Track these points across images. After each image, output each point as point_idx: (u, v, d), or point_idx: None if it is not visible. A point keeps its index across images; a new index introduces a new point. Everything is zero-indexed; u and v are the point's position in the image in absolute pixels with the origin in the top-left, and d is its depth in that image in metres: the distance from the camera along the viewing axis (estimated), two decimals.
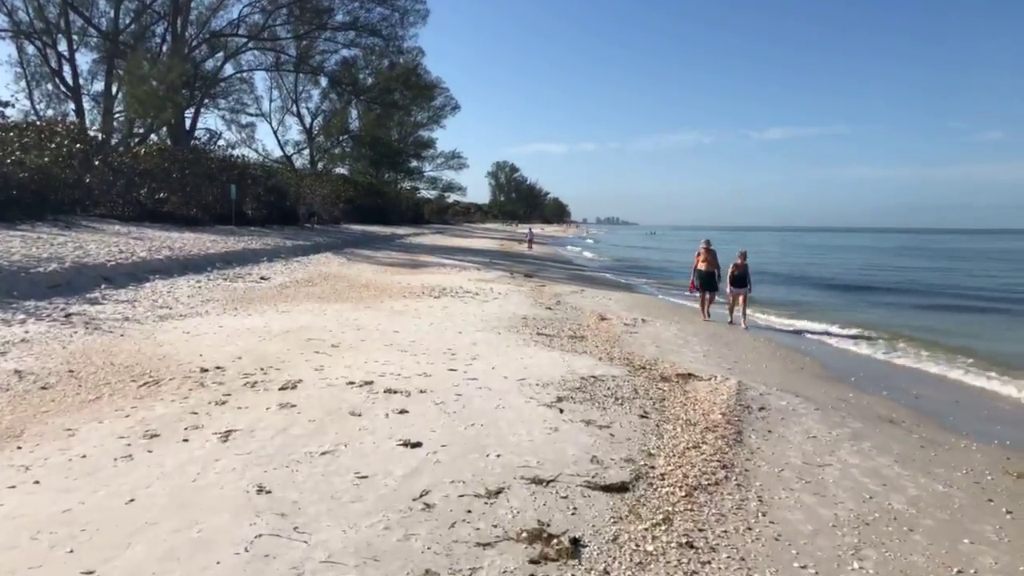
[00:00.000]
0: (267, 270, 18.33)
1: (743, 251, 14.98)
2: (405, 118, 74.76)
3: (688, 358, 9.61)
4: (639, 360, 8.92)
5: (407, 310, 12.43)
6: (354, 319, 10.99)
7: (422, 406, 6.05)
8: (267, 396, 6.16)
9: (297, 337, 9.13)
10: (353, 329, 10.02)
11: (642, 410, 6.40)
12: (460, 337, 9.84)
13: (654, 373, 8.13)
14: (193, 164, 30.38)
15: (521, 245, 46.49)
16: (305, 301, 13.00)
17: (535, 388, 6.94)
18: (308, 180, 48.24)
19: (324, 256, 24.43)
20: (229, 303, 12.06)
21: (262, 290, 14.26)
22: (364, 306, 12.70)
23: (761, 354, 10.73)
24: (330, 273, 18.75)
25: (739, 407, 6.77)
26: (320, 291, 14.67)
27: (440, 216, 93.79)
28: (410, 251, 32.45)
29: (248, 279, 16.04)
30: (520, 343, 9.62)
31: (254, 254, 21.03)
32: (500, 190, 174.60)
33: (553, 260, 35.60)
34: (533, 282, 19.99)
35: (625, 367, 8.39)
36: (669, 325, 12.84)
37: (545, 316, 12.67)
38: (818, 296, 22.36)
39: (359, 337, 9.39)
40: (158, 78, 27.17)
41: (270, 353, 8.00)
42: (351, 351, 8.37)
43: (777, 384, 8.31)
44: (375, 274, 19.45)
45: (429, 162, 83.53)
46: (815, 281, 27.85)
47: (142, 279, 13.78)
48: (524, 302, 14.68)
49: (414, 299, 14.06)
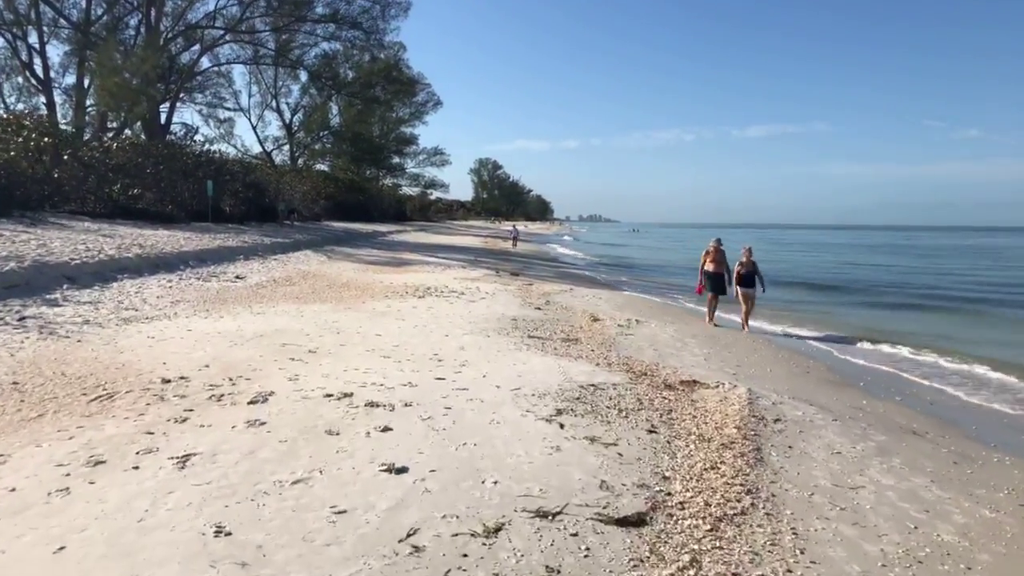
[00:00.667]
0: (243, 268, 17.61)
1: (748, 247, 13.87)
2: (387, 114, 73.88)
3: (689, 362, 9.07)
4: (639, 365, 8.36)
5: (390, 311, 11.80)
6: (333, 321, 10.35)
7: (408, 422, 5.44)
8: (234, 412, 5.52)
9: (271, 341, 8.48)
10: (332, 332, 9.38)
11: (649, 424, 5.83)
12: (447, 341, 9.23)
13: (657, 380, 7.57)
14: (168, 159, 29.47)
15: (505, 243, 45.87)
16: (282, 302, 12.33)
17: (531, 399, 6.36)
18: (288, 176, 47.35)
19: (303, 254, 23.71)
20: (200, 304, 11.36)
21: (237, 290, 13.56)
22: (344, 307, 12.05)
23: (763, 357, 10.22)
24: (309, 272, 18.06)
25: (753, 419, 6.23)
26: (298, 291, 13.99)
27: (423, 213, 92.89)
28: (392, 249, 31.75)
29: (223, 278, 15.32)
30: (511, 347, 9.03)
31: (230, 252, 20.26)
32: (483, 187, 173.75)
33: (539, 258, 35.03)
34: (520, 281, 19.41)
35: (625, 373, 7.83)
36: (664, 326, 12.31)
37: (535, 317, 12.09)
38: (811, 296, 21.96)
39: (339, 341, 8.75)
40: (131, 70, 26.20)
41: (241, 360, 7.35)
42: (330, 357, 7.74)
43: (787, 391, 7.79)
44: (356, 273, 18.78)
45: (411, 158, 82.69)
46: (806, 280, 27.52)
47: (109, 278, 13.04)
48: (512, 302, 14.09)
49: (397, 299, 13.43)
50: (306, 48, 43.92)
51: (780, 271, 30.25)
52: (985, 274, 32.39)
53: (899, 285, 25.96)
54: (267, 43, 41.33)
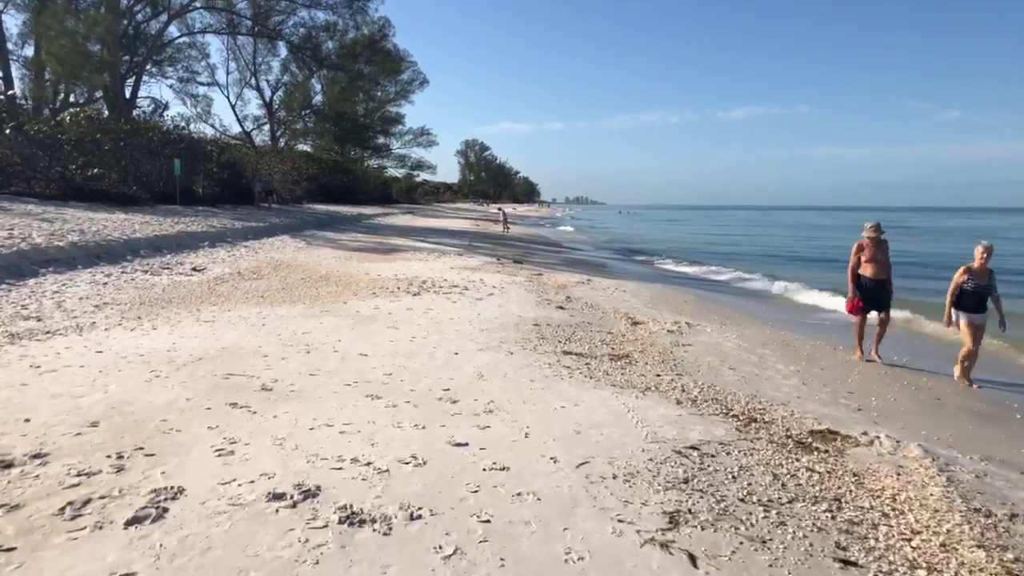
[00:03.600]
0: (205, 258, 15.00)
1: (987, 244, 7.83)
2: (372, 92, 70.92)
3: (787, 390, 6.64)
4: (732, 400, 5.92)
5: (379, 315, 9.28)
6: (304, 333, 7.82)
7: (417, 566, 2.95)
8: (92, 546, 3.01)
9: (211, 371, 5.95)
10: (301, 352, 6.86)
11: (829, 540, 3.39)
12: (458, 363, 6.74)
13: (775, 430, 5.14)
14: (130, 136, 26.61)
15: (496, 225, 43.23)
16: (242, 303, 9.77)
17: (614, 487, 3.88)
18: (269, 156, 44.44)
19: (279, 239, 21.06)
20: (133, 308, 8.80)
21: (189, 287, 10.98)
22: (321, 309, 9.52)
23: (867, 376, 7.80)
24: (283, 261, 15.46)
25: (972, 513, 3.82)
26: (266, 287, 11.43)
27: (409, 195, 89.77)
28: (379, 233, 29.10)
29: (176, 270, 12.74)
30: (547, 371, 6.56)
31: (192, 238, 17.61)
32: (470, 169, 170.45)
33: (538, 242, 32.45)
34: (527, 270, 16.90)
35: (723, 417, 5.39)
36: (721, 330, 9.89)
37: (560, 320, 9.63)
38: None
39: (308, 368, 6.23)
40: (83, 34, 23.28)
41: (154, 410, 4.83)
42: (289, 401, 5.22)
43: (951, 439, 5.40)
44: (338, 262, 16.20)
45: (397, 139, 79.61)
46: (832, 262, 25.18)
47: (27, 273, 10.45)
48: (527, 299, 11.60)
49: (387, 297, 10.90)
50: (285, 16, 40.89)
51: (812, 253, 27.99)
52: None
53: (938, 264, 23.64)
54: (242, 10, 38.28)
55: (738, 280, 19.94)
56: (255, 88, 59.03)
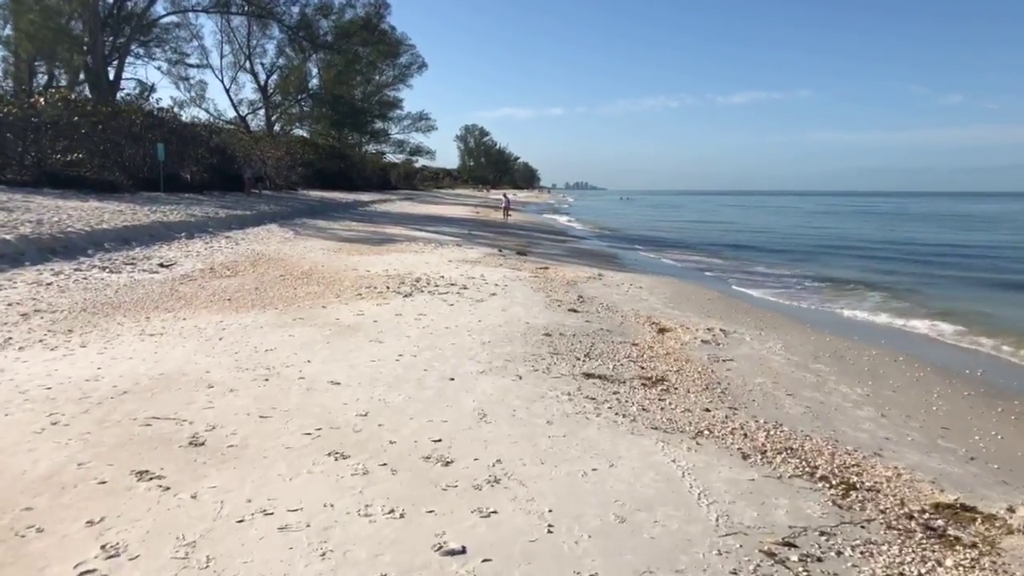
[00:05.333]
0: (178, 251, 13.60)
1: None
2: (370, 76, 69.22)
3: (876, 432, 5.25)
4: (817, 455, 4.52)
5: (362, 323, 7.88)
6: (268, 351, 6.42)
7: None
8: None
9: (132, 413, 4.56)
10: (258, 380, 5.46)
11: None
12: (452, 392, 5.34)
13: (888, 505, 3.75)
14: (110, 118, 25.11)
15: (497, 212, 41.66)
16: (204, 308, 8.38)
17: None
18: (263, 141, 42.88)
19: (266, 229, 19.62)
20: (69, 317, 7.40)
21: (148, 287, 9.59)
22: (294, 316, 8.12)
23: (952, 402, 6.40)
24: (264, 254, 14.05)
25: None
26: (238, 286, 10.03)
27: (408, 181, 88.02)
28: (374, 221, 27.64)
29: (141, 266, 11.34)
30: (566, 404, 5.16)
31: (169, 229, 16.18)
32: (469, 155, 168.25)
33: (540, 231, 30.96)
34: (531, 263, 15.48)
35: (808, 480, 4.01)
36: (761, 338, 8.50)
37: (575, 327, 8.24)
38: (890, 269, 18.10)
39: (260, 406, 4.83)
40: (55, 7, 21.74)
41: (23, 487, 3.42)
42: (223, 465, 3.82)
43: None
44: (325, 254, 14.78)
45: (395, 123, 77.74)
46: (878, 254, 23.77)
47: None
48: (533, 299, 10.20)
49: (374, 299, 9.49)
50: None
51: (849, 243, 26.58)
52: None
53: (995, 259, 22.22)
54: None
55: (752, 269, 18.52)
56: (250, 72, 57.41)
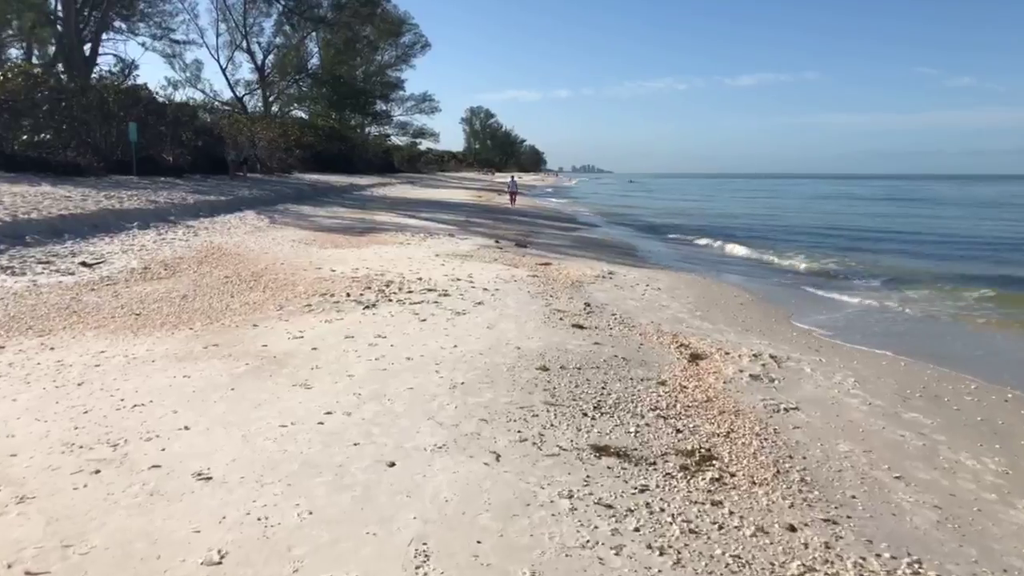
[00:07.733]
0: (119, 244, 11.66)
1: None
2: (371, 56, 67.01)
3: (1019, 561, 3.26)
4: None
5: (296, 352, 5.90)
6: (136, 406, 4.44)
7: None
8: None
9: None
10: (84, 471, 3.48)
11: None
12: (385, 500, 3.36)
13: None
14: (75, 95, 23.13)
15: (501, 197, 39.50)
16: (94, 330, 6.41)
17: None
18: (253, 124, 40.76)
19: (239, 216, 17.63)
20: None
21: (43, 295, 7.63)
22: (207, 341, 6.13)
23: None
24: (220, 248, 12.07)
25: None
26: (163, 292, 8.06)
27: (411, 164, 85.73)
28: (365, 207, 25.61)
29: (58, 265, 9.44)
30: (568, 526, 3.18)
31: (119, 218, 14.22)
32: (475, 137, 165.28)
33: (545, 217, 28.81)
34: (531, 257, 13.47)
35: None
36: (823, 367, 6.48)
37: (580, 353, 6.25)
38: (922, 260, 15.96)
39: (38, 544, 2.88)
40: None
41: None
42: None
43: None
44: (293, 248, 12.79)
45: (398, 105, 75.48)
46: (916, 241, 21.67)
47: None
48: (530, 309, 8.21)
49: (326, 312, 7.51)
50: None
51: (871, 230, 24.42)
52: None
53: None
54: None
55: (768, 259, 16.47)
56: (246, 51, 55.23)
